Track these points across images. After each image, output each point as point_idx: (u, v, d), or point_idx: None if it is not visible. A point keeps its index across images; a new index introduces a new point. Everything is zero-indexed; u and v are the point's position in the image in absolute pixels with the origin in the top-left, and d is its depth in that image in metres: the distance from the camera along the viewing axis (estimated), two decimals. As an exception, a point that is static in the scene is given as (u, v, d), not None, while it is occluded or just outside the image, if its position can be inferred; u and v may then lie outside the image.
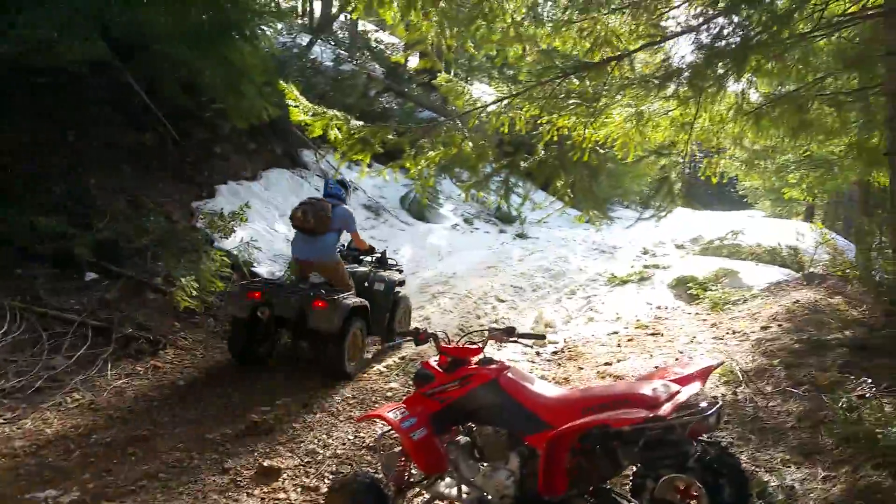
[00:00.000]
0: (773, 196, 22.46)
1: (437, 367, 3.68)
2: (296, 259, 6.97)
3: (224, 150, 10.63)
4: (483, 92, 9.82)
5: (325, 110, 5.53)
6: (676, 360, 6.60)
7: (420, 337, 3.73)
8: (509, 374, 3.47)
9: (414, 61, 21.34)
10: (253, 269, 8.32)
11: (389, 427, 3.55)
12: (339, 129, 5.46)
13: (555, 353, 7.76)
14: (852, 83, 8.74)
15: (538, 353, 7.67)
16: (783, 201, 22.39)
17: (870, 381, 4.32)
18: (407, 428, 3.40)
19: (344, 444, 5.17)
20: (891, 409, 3.89)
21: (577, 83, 6.01)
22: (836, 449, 4.11)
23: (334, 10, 19.45)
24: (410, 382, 5.26)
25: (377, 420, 4.79)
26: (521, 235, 13.97)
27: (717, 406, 3.03)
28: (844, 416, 3.97)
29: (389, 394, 6.16)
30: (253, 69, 8.70)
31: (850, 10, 8.02)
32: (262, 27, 9.19)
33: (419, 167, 5.97)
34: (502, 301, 9.53)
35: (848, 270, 10.98)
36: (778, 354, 6.43)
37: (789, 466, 4.17)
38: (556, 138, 8.17)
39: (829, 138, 9.99)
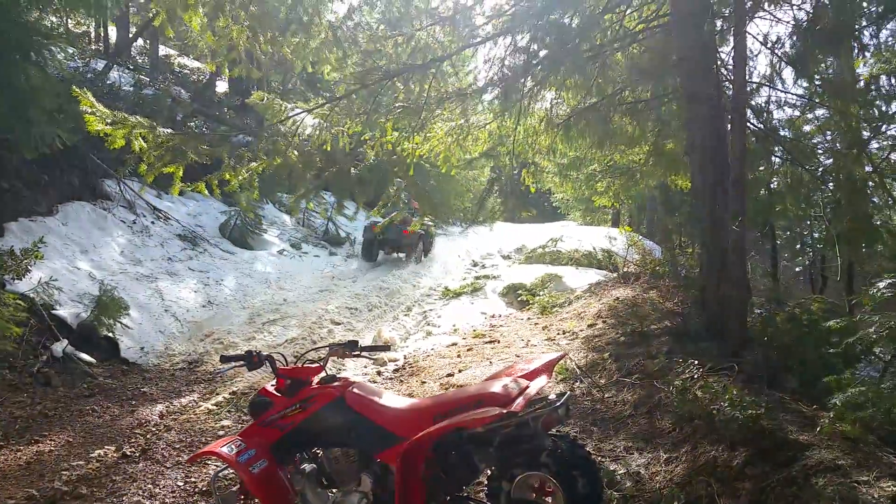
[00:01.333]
0: (583, 205, 24.11)
1: (274, 391, 3.34)
2: None
3: (13, 184, 9.35)
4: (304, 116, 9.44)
5: (127, 117, 4.92)
6: (518, 358, 6.69)
7: (254, 360, 3.36)
8: (355, 390, 3.23)
9: (223, 86, 20.42)
10: (54, 311, 7.31)
11: (224, 464, 3.16)
12: (143, 138, 4.87)
13: (396, 370, 7.57)
14: (646, 94, 9.52)
15: (379, 373, 7.45)
16: (593, 209, 24.15)
17: (696, 363, 4.57)
18: (245, 462, 3.05)
19: (174, 492, 4.58)
20: (718, 386, 4.11)
21: (402, 87, 5.90)
22: (674, 430, 4.29)
23: (133, 33, 18.17)
24: (246, 416, 4.81)
25: (210, 458, 4.30)
26: (353, 256, 13.69)
27: (566, 396, 3.01)
28: (680, 397, 4.14)
29: (222, 432, 5.61)
30: (41, 94, 7.70)
31: (639, 28, 8.78)
32: (52, 48, 8.21)
33: (240, 178, 5.52)
34: (338, 324, 9.21)
35: (658, 268, 11.98)
36: (607, 348, 6.72)
37: (633, 453, 4.28)
38: (381, 154, 8.08)
39: (630, 146, 10.77)
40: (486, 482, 3.38)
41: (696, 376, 4.29)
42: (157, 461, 5.06)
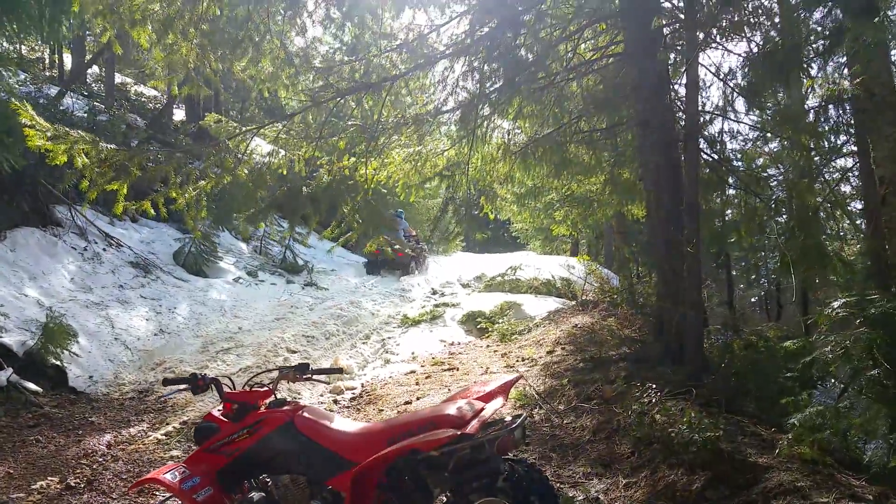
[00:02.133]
0: (542, 235, 24.40)
1: (221, 416, 3.21)
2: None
3: (-43, 209, 9.04)
4: (258, 144, 9.23)
5: (69, 131, 4.74)
6: (475, 382, 6.62)
7: (198, 384, 3.22)
8: (305, 414, 3.11)
9: (181, 114, 20.17)
10: None
11: (169, 493, 3.00)
12: (86, 153, 4.69)
13: (353, 398, 7.42)
14: (602, 124, 9.67)
15: (336, 401, 7.29)
16: (552, 239, 24.45)
17: (654, 387, 4.56)
18: (188, 489, 2.90)
19: (117, 526, 4.37)
20: (676, 410, 4.10)
21: (355, 106, 5.85)
22: (633, 455, 4.25)
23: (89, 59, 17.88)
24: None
25: (156, 487, 4.10)
26: (311, 285, 13.48)
27: (521, 418, 2.96)
28: (638, 421, 4.11)
29: (171, 463, 5.40)
30: (-10, 118, 7.47)
31: (594, 57, 8.94)
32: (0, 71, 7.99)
33: (187, 196, 5.35)
34: (294, 352, 9.00)
35: (616, 296, 12.09)
36: (566, 374, 6.70)
37: (592, 479, 4.23)
38: (337, 177, 8.00)
39: (587, 176, 10.90)
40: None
41: (654, 400, 4.26)
42: (103, 492, 4.83)
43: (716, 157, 8.24)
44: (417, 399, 6.92)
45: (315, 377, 3.48)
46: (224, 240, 13.75)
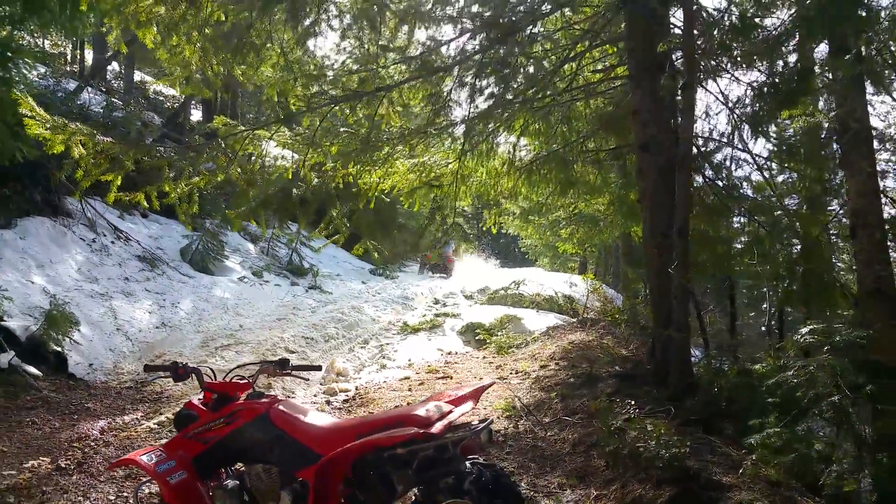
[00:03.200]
0: (550, 252, 24.44)
1: (200, 405, 3.33)
2: None
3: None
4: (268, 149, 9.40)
5: (67, 123, 4.90)
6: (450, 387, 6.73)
7: (179, 372, 3.35)
8: (281, 407, 3.22)
9: (197, 114, 20.47)
10: (2, 322, 7.17)
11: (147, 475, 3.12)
12: (82, 144, 4.85)
13: (346, 400, 7.53)
14: (610, 143, 9.77)
15: (328, 402, 7.40)
16: (560, 257, 24.49)
17: (633, 403, 4.63)
18: (163, 472, 3.01)
19: (104, 505, 4.49)
20: (652, 427, 4.17)
21: (349, 113, 5.99)
22: (607, 469, 4.33)
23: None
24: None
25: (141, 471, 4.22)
26: (315, 288, 13.65)
27: (487, 423, 3.04)
28: (612, 436, 4.19)
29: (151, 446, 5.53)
30: (4, 108, 7.69)
31: (599, 77, 9.06)
32: (18, 63, 8.21)
33: (179, 191, 5.49)
34: (293, 352, 9.14)
35: (617, 316, 12.14)
36: (555, 389, 6.79)
37: (566, 490, 4.31)
38: (342, 185, 8.15)
39: (593, 195, 10.99)
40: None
41: (632, 417, 4.34)
42: (92, 475, 4.95)
43: (721, 183, 8.33)
44: (408, 404, 7.00)
45: (294, 373, 3.59)
46: (232, 239, 13.95)
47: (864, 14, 3.41)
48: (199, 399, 3.41)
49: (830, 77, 3.46)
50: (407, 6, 5.33)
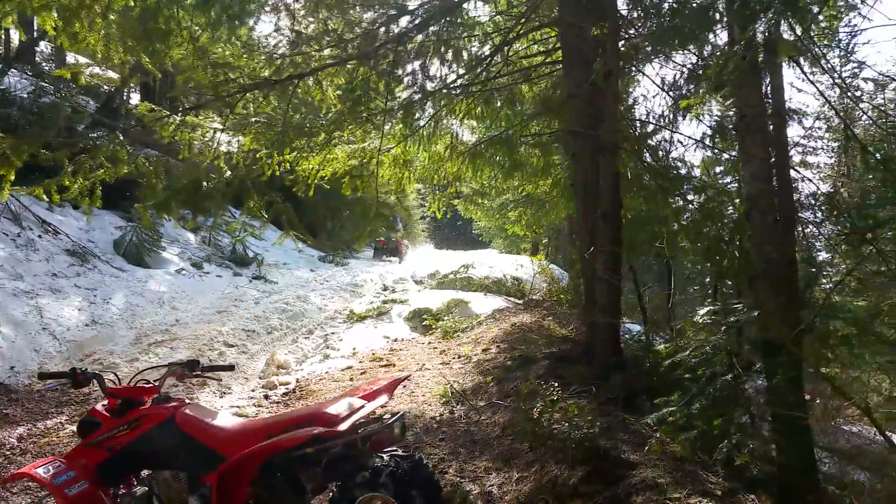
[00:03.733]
0: (503, 234, 24.63)
1: (104, 411, 3.24)
2: None
3: None
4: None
5: None
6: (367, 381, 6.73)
7: (78, 378, 3.25)
8: (187, 411, 3.16)
9: (137, 98, 19.83)
10: None
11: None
12: None
13: (285, 394, 7.45)
14: (553, 126, 9.82)
15: (266, 396, 7.31)
16: (513, 238, 24.70)
17: (557, 385, 4.69)
18: (60, 484, 2.93)
19: (15, 521, 4.36)
20: (566, 409, 4.24)
21: (263, 101, 5.87)
22: (530, 451, 4.38)
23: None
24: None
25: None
26: (259, 278, 13.44)
27: (399, 416, 3.05)
28: (529, 420, 4.24)
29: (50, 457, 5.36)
30: None
31: (540, 61, 9.09)
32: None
33: (78, 185, 5.30)
34: (232, 346, 8.99)
35: (562, 296, 12.28)
36: (493, 372, 6.83)
37: (491, 473, 4.35)
38: (278, 173, 8.01)
39: (538, 178, 11.06)
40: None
41: (555, 398, 4.39)
42: (5, 486, 4.79)
43: (657, 164, 8.45)
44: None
45: (205, 374, 3.52)
46: (169, 229, 13.57)
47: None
48: (104, 405, 3.32)
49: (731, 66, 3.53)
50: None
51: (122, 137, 5.38)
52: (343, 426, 2.82)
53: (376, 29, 5.55)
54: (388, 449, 3.12)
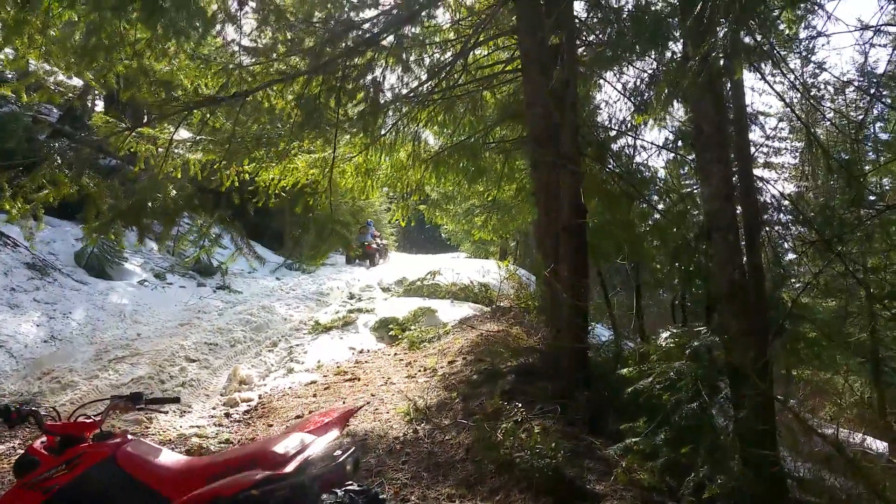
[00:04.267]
0: (470, 238, 24.56)
1: (42, 450, 3.06)
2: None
3: None
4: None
5: None
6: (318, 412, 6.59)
7: (12, 416, 3.06)
8: (129, 449, 3.00)
9: (101, 106, 19.30)
10: None
11: None
12: None
13: (247, 412, 7.27)
14: (516, 133, 9.77)
15: (227, 415, 7.12)
16: (480, 242, 24.64)
17: (520, 405, 4.59)
18: None
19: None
20: (539, 430, 4.14)
21: (211, 118, 5.70)
22: (495, 476, 4.27)
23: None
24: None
25: None
26: (224, 288, 13.16)
27: (350, 452, 2.93)
28: (490, 448, 4.14)
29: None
30: None
31: (500, 69, 9.02)
32: None
33: (19, 209, 5.09)
34: (193, 361, 8.75)
35: (529, 302, 12.22)
36: (458, 387, 6.72)
37: (454, 500, 4.23)
38: (237, 184, 7.83)
39: (503, 183, 11.01)
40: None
41: (520, 419, 4.30)
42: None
43: (620, 170, 8.44)
44: (310, 412, 6.81)
45: (148, 407, 3.36)
46: (132, 239, 13.19)
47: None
48: (42, 442, 3.13)
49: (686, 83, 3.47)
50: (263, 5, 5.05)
51: (59, 160, 5.13)
52: (290, 467, 2.69)
53: (323, 45, 5.39)
54: (343, 486, 3.00)
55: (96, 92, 18.62)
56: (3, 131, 12.01)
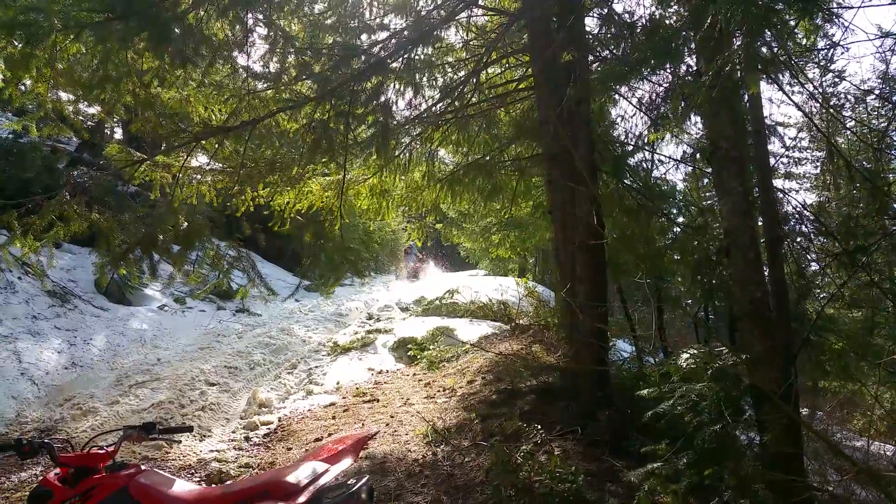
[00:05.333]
0: (489, 256, 24.53)
1: (56, 481, 3.05)
2: None
3: None
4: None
5: None
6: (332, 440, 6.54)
7: (24, 449, 3.06)
8: (142, 480, 2.98)
9: (119, 132, 19.63)
10: None
11: None
12: None
13: (267, 434, 7.24)
14: (532, 149, 9.74)
15: (247, 438, 7.10)
16: (501, 259, 24.59)
17: (540, 427, 4.52)
18: None
19: None
20: (560, 452, 4.07)
21: (220, 148, 5.73)
22: (513, 501, 4.19)
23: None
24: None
25: None
26: (243, 311, 13.22)
27: (364, 480, 2.88)
28: (507, 472, 4.06)
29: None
30: None
31: (514, 87, 9.02)
32: None
33: (30, 246, 5.13)
34: (213, 384, 8.76)
35: (549, 319, 12.11)
36: (477, 408, 6.65)
37: (474, 526, 4.16)
38: (252, 209, 7.87)
39: (520, 201, 10.98)
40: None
41: (539, 441, 4.22)
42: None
43: (638, 184, 8.37)
44: (329, 435, 6.78)
45: (162, 437, 3.34)
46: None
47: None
48: (56, 473, 3.12)
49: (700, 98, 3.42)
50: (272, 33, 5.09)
51: (69, 196, 5.18)
52: (303, 497, 2.65)
53: (332, 70, 5.41)
54: None
55: (115, 118, 19.03)
56: (22, 161, 12.23)
